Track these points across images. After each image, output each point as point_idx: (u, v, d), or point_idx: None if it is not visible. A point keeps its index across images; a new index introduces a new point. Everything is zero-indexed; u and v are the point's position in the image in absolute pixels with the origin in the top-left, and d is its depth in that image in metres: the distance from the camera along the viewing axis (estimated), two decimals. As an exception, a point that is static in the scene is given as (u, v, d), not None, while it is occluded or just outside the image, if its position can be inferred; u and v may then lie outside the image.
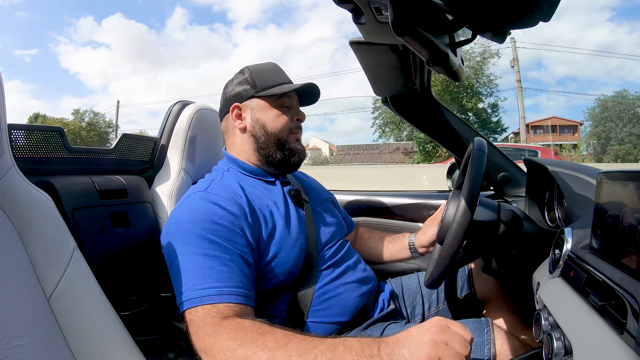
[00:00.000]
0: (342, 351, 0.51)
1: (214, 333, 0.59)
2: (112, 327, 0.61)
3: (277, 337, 0.56)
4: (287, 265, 0.76)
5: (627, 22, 31.78)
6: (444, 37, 0.54)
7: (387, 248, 1.02)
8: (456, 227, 0.63)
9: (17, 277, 0.50)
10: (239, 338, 0.57)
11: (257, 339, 0.56)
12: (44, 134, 0.78)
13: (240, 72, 0.90)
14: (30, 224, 0.55)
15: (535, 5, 0.44)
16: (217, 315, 0.61)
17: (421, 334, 0.49)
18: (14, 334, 0.46)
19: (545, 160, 0.89)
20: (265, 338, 0.56)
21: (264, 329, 0.58)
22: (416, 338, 0.49)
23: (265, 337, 0.56)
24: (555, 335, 0.46)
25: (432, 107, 1.20)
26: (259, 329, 0.58)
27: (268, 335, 0.56)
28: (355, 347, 0.51)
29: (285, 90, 0.84)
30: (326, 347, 0.52)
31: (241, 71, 0.90)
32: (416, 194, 1.38)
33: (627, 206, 0.44)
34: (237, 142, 0.89)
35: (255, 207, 0.77)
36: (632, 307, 0.36)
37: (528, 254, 0.73)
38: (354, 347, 0.51)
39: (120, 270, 0.82)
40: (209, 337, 0.59)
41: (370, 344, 0.51)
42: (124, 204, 0.86)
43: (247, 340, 0.56)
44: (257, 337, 0.56)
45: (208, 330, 0.60)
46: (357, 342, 0.52)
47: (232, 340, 0.57)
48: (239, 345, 0.56)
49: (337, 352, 0.51)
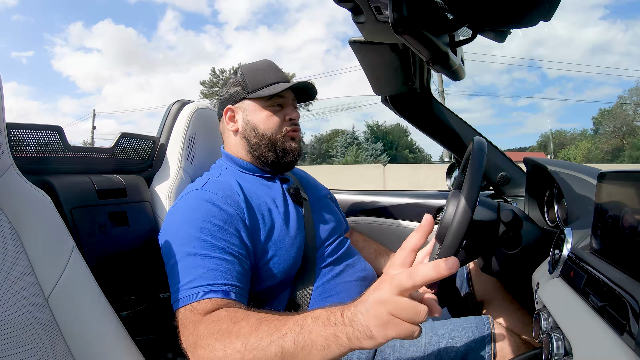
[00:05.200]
0: (310, 323, 0.51)
1: (195, 330, 0.59)
2: (111, 327, 0.61)
3: (250, 322, 0.56)
4: (285, 263, 0.76)
5: (621, 20, 31.88)
6: (444, 36, 0.54)
7: (379, 262, 1.04)
8: (456, 227, 0.63)
9: (15, 276, 0.50)
10: (214, 331, 0.56)
11: (231, 328, 0.56)
12: (43, 133, 0.78)
13: (234, 72, 0.91)
14: (28, 223, 0.54)
15: (536, 5, 0.44)
16: (200, 312, 0.61)
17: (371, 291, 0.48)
18: (13, 333, 0.46)
19: (545, 160, 0.89)
20: (240, 325, 0.56)
21: (238, 316, 0.58)
22: (369, 295, 0.48)
23: (239, 324, 0.56)
24: (555, 335, 0.45)
25: (432, 107, 1.19)
26: (233, 318, 0.58)
27: (242, 322, 0.56)
28: (322, 316, 0.51)
29: (275, 92, 0.83)
30: (294, 322, 0.52)
31: (235, 71, 0.90)
32: (416, 193, 1.38)
33: (627, 206, 0.43)
34: (232, 143, 0.89)
35: (253, 205, 0.77)
36: (633, 307, 0.36)
37: (528, 254, 0.73)
38: (321, 317, 0.51)
39: (119, 270, 0.82)
40: (192, 335, 0.59)
41: (334, 312, 0.50)
42: (123, 203, 0.86)
43: (223, 332, 0.56)
44: (231, 327, 0.56)
45: (190, 328, 0.59)
46: (324, 311, 0.52)
47: (209, 335, 0.56)
48: (216, 339, 0.55)
49: (305, 325, 0.51)
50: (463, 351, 0.68)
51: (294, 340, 0.50)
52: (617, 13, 33.10)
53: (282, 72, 0.89)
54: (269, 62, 0.91)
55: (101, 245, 0.78)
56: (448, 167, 1.47)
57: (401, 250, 0.53)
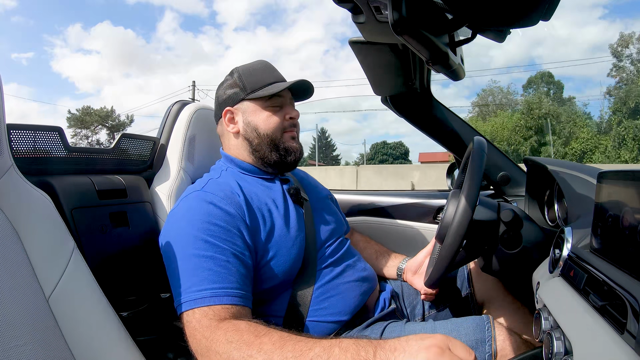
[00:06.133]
0: (338, 353, 0.50)
1: (210, 336, 0.58)
2: (112, 327, 0.61)
3: (273, 339, 0.55)
4: (286, 264, 0.76)
5: (620, 19, 31.87)
6: (443, 36, 0.54)
7: (379, 263, 1.04)
8: (456, 227, 0.63)
9: (16, 277, 0.50)
10: (234, 340, 0.56)
11: (253, 341, 0.55)
12: (43, 134, 0.78)
13: (230, 74, 0.90)
14: (29, 224, 0.54)
15: (535, 5, 0.44)
16: (214, 318, 0.61)
17: (419, 350, 0.47)
18: (14, 334, 0.46)
19: (545, 160, 0.89)
20: (262, 340, 0.55)
21: (260, 330, 0.58)
22: (413, 354, 0.46)
23: (261, 339, 0.56)
24: (555, 335, 0.45)
25: (432, 107, 1.19)
26: (255, 331, 0.58)
27: (264, 337, 0.56)
28: (351, 349, 0.50)
29: (274, 91, 0.83)
30: (322, 349, 0.51)
31: (231, 73, 0.90)
32: (416, 193, 1.38)
33: (627, 206, 0.44)
34: (232, 145, 0.89)
35: (253, 205, 0.77)
36: (633, 307, 0.36)
37: (528, 254, 0.73)
38: (350, 349, 0.50)
39: (120, 271, 0.82)
40: (206, 340, 0.59)
41: (366, 347, 0.50)
42: (123, 203, 0.86)
43: (243, 343, 0.56)
44: (253, 340, 0.56)
45: (205, 333, 0.59)
46: (353, 344, 0.51)
47: (228, 343, 0.56)
48: (235, 348, 0.55)
49: (332, 354, 0.50)
50: (463, 351, 0.68)
51: None
52: (617, 12, 33.17)
53: (278, 72, 0.89)
54: (265, 62, 0.91)
55: (101, 245, 0.79)
56: (448, 167, 1.47)
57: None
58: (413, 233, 1.31)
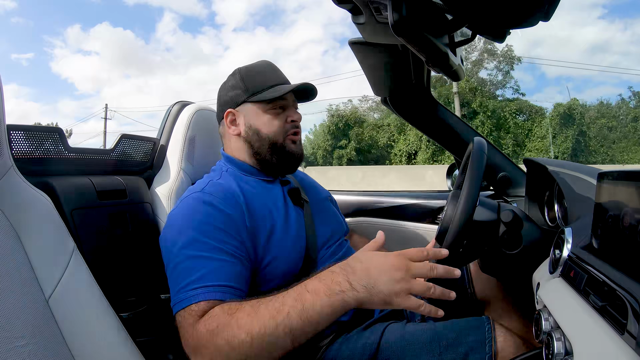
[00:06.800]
0: (311, 298, 0.54)
1: (194, 333, 0.58)
2: (112, 328, 0.61)
3: (246, 311, 0.56)
4: (286, 265, 0.76)
5: (620, 19, 31.85)
6: (443, 37, 0.54)
7: None
8: (456, 227, 0.63)
9: (16, 277, 0.50)
10: (212, 328, 0.56)
11: (229, 321, 0.56)
12: (43, 135, 0.78)
13: (232, 74, 0.89)
14: (29, 224, 0.54)
15: (535, 5, 0.44)
16: (196, 314, 0.60)
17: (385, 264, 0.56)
18: (14, 335, 0.46)
19: (545, 160, 0.89)
20: (237, 316, 0.56)
21: (232, 308, 0.58)
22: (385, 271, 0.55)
23: (235, 315, 0.56)
24: (556, 335, 0.45)
25: (431, 107, 1.20)
26: (229, 310, 0.58)
27: (238, 313, 0.57)
28: (320, 289, 0.55)
29: (277, 95, 0.82)
30: (293, 299, 0.55)
31: (233, 74, 0.89)
32: (416, 194, 1.38)
33: (627, 206, 0.44)
34: (233, 146, 0.88)
35: (253, 207, 0.77)
36: (633, 307, 0.36)
37: (528, 254, 0.73)
38: (319, 289, 0.55)
39: (120, 271, 0.82)
40: (192, 338, 0.59)
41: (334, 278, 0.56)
42: (123, 204, 0.86)
43: (221, 326, 0.56)
44: (228, 320, 0.56)
45: (189, 330, 0.59)
46: (319, 283, 0.56)
47: (208, 333, 0.56)
48: (216, 335, 0.55)
49: (306, 300, 0.54)
50: (463, 352, 0.68)
51: (299, 316, 0.53)
52: (616, 12, 33.24)
53: (281, 73, 0.88)
54: (268, 62, 0.90)
55: (101, 246, 0.79)
56: (448, 167, 1.47)
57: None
58: (413, 233, 1.31)
